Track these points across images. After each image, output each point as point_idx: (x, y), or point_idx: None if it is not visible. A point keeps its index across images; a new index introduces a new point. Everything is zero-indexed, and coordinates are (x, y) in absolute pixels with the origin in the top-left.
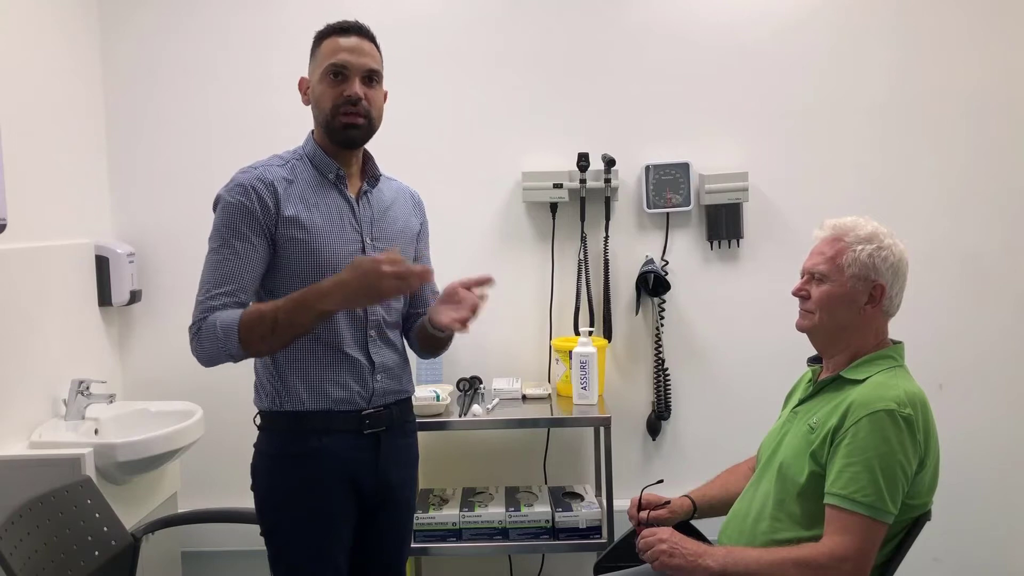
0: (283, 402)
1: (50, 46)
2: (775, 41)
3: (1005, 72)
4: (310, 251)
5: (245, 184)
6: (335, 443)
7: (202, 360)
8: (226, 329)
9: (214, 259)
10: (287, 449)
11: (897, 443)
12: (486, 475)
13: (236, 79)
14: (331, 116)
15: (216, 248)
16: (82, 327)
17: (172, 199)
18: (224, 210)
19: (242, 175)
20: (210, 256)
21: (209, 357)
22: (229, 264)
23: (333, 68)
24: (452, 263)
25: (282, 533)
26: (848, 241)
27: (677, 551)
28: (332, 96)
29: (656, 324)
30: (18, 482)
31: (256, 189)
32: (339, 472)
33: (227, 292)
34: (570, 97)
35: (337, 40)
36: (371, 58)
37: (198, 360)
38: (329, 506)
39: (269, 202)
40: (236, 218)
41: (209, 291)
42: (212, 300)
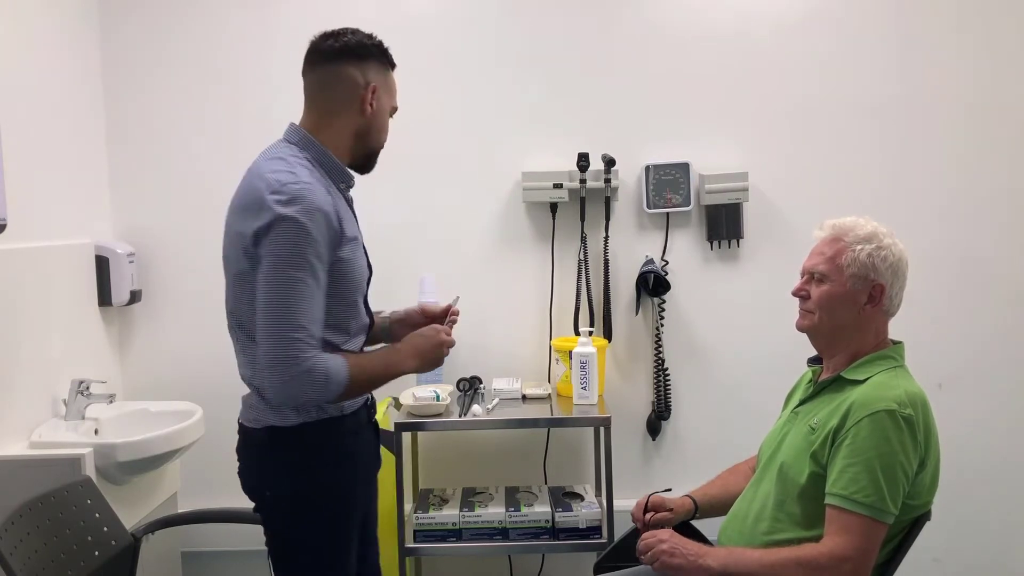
0: (320, 411)
1: (50, 46)
2: (775, 41)
3: (1005, 72)
4: (352, 269)
5: (323, 208)
6: (364, 439)
7: (278, 397)
8: (335, 382)
9: (299, 289)
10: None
11: (898, 443)
12: (486, 475)
13: (236, 79)
14: (380, 147)
15: (300, 277)
16: (82, 327)
17: (172, 199)
18: (306, 233)
19: (310, 194)
20: (292, 283)
21: (292, 398)
22: (314, 295)
23: (395, 109)
24: (452, 263)
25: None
26: (847, 241)
27: (678, 551)
28: (388, 132)
29: (656, 324)
30: (18, 482)
31: (328, 214)
32: (365, 468)
33: (316, 330)
34: (570, 97)
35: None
36: None
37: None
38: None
39: (335, 225)
40: (319, 244)
41: (302, 325)
42: (310, 339)
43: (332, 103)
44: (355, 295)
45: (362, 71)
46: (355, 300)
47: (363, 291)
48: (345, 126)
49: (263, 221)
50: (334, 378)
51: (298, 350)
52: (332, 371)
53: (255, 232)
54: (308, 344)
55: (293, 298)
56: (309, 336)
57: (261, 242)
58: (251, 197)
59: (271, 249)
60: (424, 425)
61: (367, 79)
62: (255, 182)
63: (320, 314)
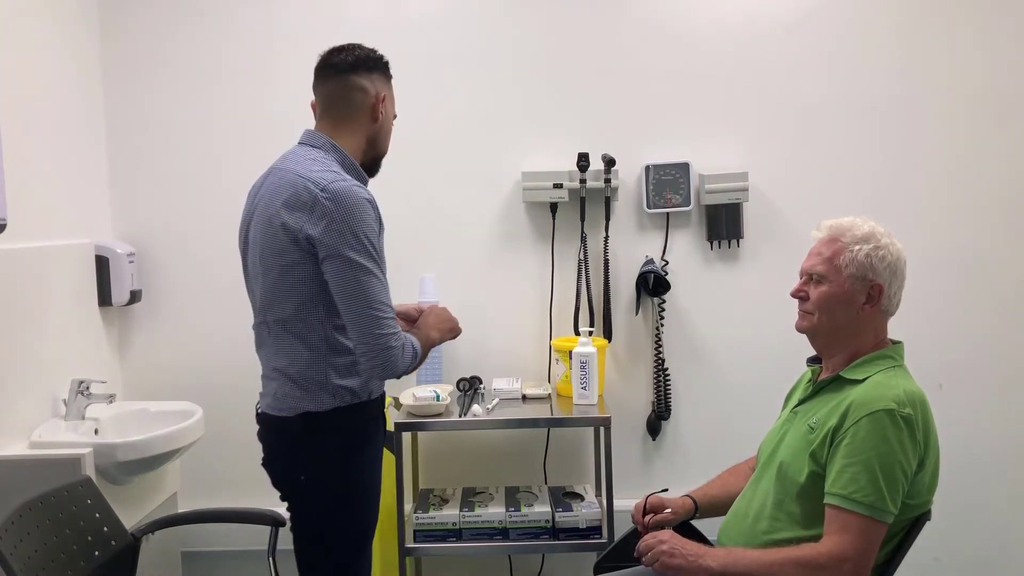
0: (352, 397)
1: (50, 46)
2: (775, 41)
3: (1004, 72)
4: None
5: (371, 200)
6: (379, 427)
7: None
8: (414, 352)
9: (378, 279)
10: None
11: (897, 443)
12: (486, 475)
13: (236, 79)
14: (384, 152)
15: (375, 268)
16: (82, 327)
17: (172, 199)
18: (372, 230)
19: (359, 189)
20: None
21: (391, 371)
22: (383, 278)
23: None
24: (452, 263)
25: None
26: (845, 241)
27: (677, 551)
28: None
29: (656, 324)
30: (18, 482)
31: (374, 204)
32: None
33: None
34: (570, 97)
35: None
36: None
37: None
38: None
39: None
40: (375, 232)
41: (385, 311)
42: (391, 319)
43: (347, 111)
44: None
45: (372, 82)
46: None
47: None
48: (358, 132)
49: (322, 216)
50: (413, 349)
51: (390, 328)
52: (411, 343)
53: (315, 226)
54: (392, 324)
55: (373, 283)
56: (390, 317)
57: (323, 240)
58: (301, 195)
59: (339, 246)
60: (424, 425)
61: (377, 89)
62: (300, 180)
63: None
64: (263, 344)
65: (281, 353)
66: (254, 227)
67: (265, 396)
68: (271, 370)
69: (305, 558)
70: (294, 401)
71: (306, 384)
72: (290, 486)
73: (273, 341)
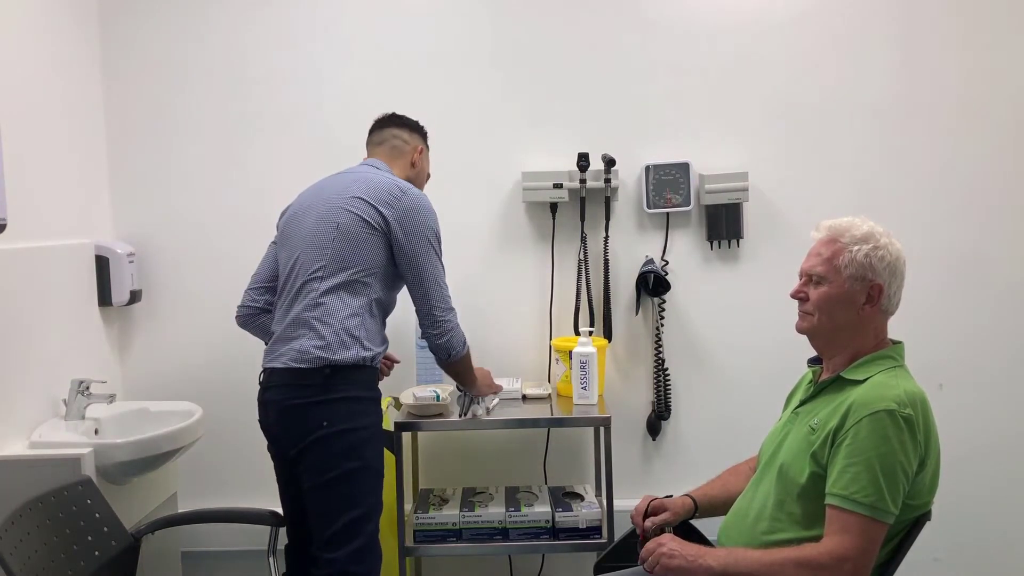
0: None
1: (50, 46)
2: (775, 41)
3: (1005, 72)
4: None
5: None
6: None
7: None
8: (465, 344)
9: (442, 266)
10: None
11: (898, 443)
12: (486, 475)
13: (237, 78)
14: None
15: (439, 255)
16: (82, 327)
17: (172, 199)
18: (436, 225)
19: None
20: (437, 261)
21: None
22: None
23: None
24: (452, 263)
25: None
26: (844, 242)
27: (677, 553)
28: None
29: (656, 324)
30: (18, 482)
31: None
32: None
33: None
34: (570, 97)
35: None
36: None
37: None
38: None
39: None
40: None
41: (448, 294)
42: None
43: (394, 152)
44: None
45: (411, 137)
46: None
47: None
48: (400, 171)
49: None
50: (465, 341)
51: (449, 306)
52: (462, 335)
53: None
54: (452, 306)
55: (439, 271)
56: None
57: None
58: (383, 192)
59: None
60: (424, 425)
61: (415, 143)
62: (381, 181)
63: None
64: (295, 302)
65: (323, 308)
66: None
67: (282, 354)
68: (300, 325)
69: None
70: (322, 351)
71: (340, 336)
72: (308, 435)
73: (315, 298)
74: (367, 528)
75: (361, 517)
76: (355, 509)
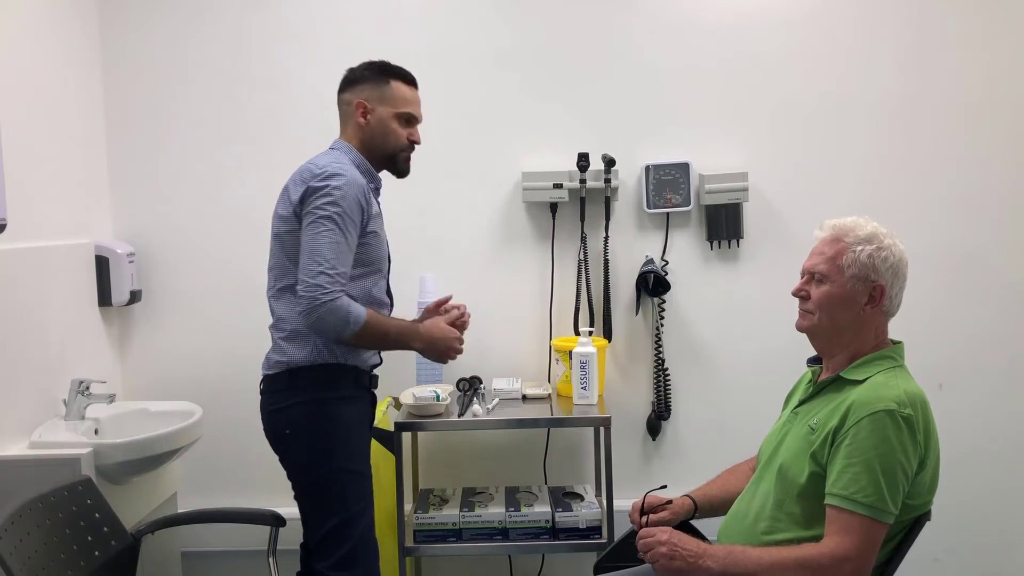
0: (347, 358)
1: (50, 46)
2: (775, 41)
3: (1006, 72)
4: (379, 244)
5: (355, 182)
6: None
7: (317, 325)
8: (354, 320)
9: (332, 238)
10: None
11: (897, 443)
12: (486, 475)
13: (236, 78)
14: (398, 151)
15: (331, 229)
16: (82, 327)
17: (172, 199)
18: (343, 199)
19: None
20: (325, 233)
21: (322, 330)
22: (344, 248)
23: (408, 116)
24: (452, 263)
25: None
26: (848, 242)
27: (677, 553)
28: (403, 136)
29: (656, 324)
30: (18, 482)
31: (361, 187)
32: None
33: (343, 274)
34: (570, 97)
35: (409, 90)
36: None
37: (313, 323)
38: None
39: (364, 196)
40: (352, 209)
41: (334, 267)
42: (339, 278)
43: (344, 122)
44: (378, 268)
45: (353, 94)
46: (378, 273)
47: (384, 268)
48: (356, 137)
49: (306, 187)
50: (353, 316)
51: (326, 283)
52: (353, 310)
53: (300, 196)
54: (335, 282)
55: (325, 245)
56: (336, 276)
57: (307, 203)
58: (302, 174)
59: (315, 206)
60: (424, 425)
61: (355, 97)
62: (306, 165)
63: (348, 265)
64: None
65: (277, 314)
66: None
67: (265, 361)
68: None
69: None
70: (279, 354)
71: (292, 338)
72: (280, 440)
73: (276, 306)
74: (353, 533)
75: (343, 523)
76: (335, 516)
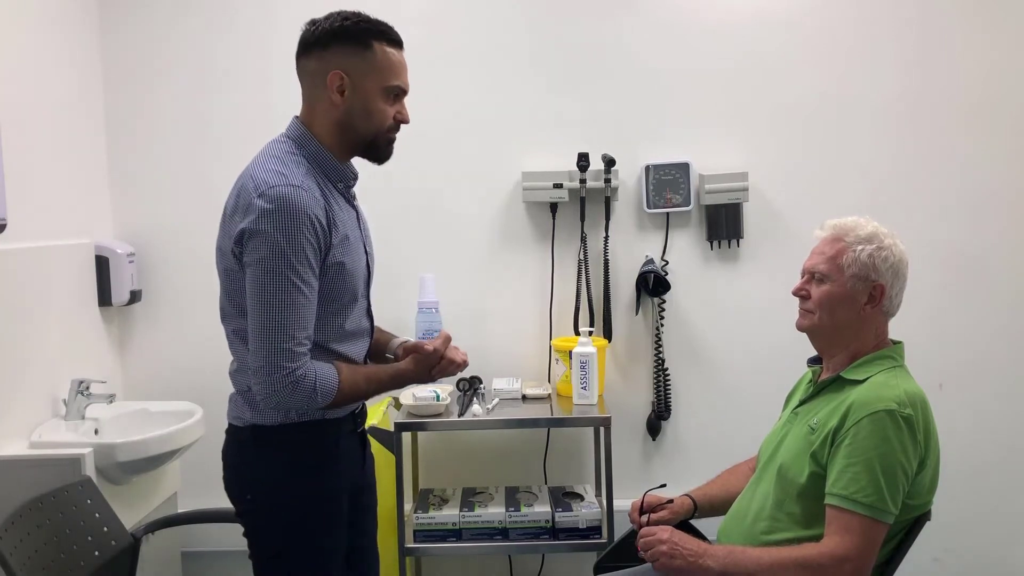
0: (301, 414)
1: (50, 46)
2: (775, 41)
3: (1007, 72)
4: (345, 274)
5: (308, 212)
6: (345, 446)
7: (280, 406)
8: (324, 390)
9: (291, 296)
10: (303, 461)
11: (898, 443)
12: (486, 475)
13: (236, 78)
14: (383, 133)
15: (292, 282)
16: (82, 327)
17: (172, 199)
18: (294, 237)
19: (296, 197)
20: (282, 289)
21: (280, 405)
22: (306, 302)
23: (398, 89)
24: (452, 263)
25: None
26: (848, 241)
27: (677, 552)
28: (390, 115)
29: (656, 324)
30: (18, 482)
31: (318, 217)
32: (347, 474)
33: (309, 336)
34: (570, 97)
35: (396, 55)
36: None
37: (268, 402)
38: (342, 509)
39: (323, 227)
40: (307, 249)
41: (294, 335)
42: (300, 347)
43: (309, 96)
44: (350, 298)
45: (323, 61)
46: (350, 303)
47: (358, 293)
48: (325, 118)
49: (248, 224)
50: (322, 390)
51: (286, 359)
52: (321, 384)
53: (240, 232)
54: (296, 352)
55: (281, 305)
56: (298, 344)
57: (247, 246)
58: (242, 197)
59: (257, 255)
60: (424, 425)
61: (331, 67)
62: (247, 182)
63: (310, 320)
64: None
65: (234, 361)
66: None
67: (229, 403)
68: (229, 374)
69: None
70: (241, 410)
71: (250, 395)
72: (240, 503)
73: (229, 343)
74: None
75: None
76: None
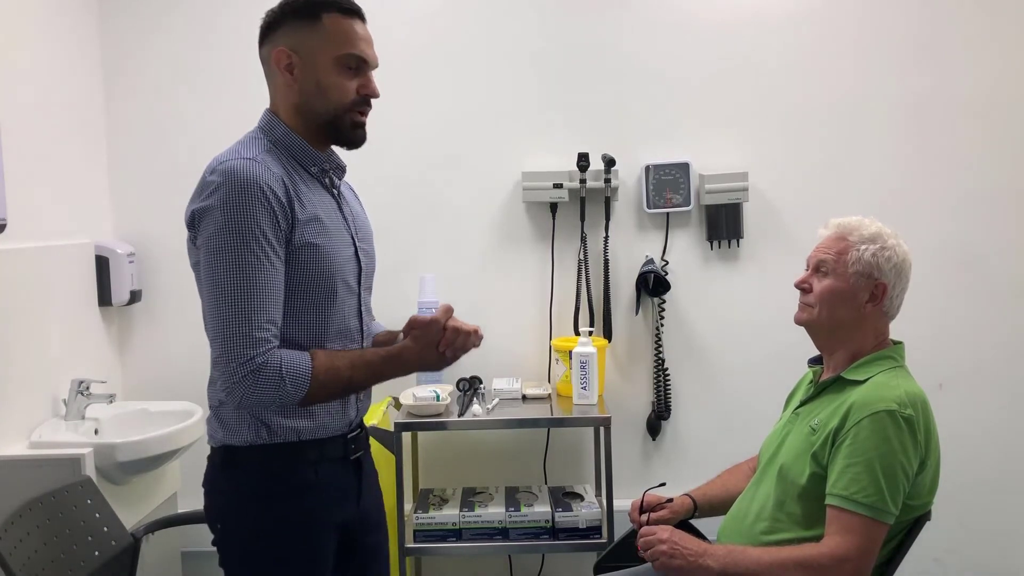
0: (272, 435)
1: (50, 46)
2: (775, 41)
3: (1009, 72)
4: (320, 258)
5: (259, 181)
6: (327, 473)
7: (245, 403)
8: (295, 380)
9: (246, 274)
10: (274, 487)
11: (898, 443)
12: (486, 475)
13: (236, 78)
14: (344, 111)
15: (246, 260)
16: (82, 327)
17: (172, 199)
18: (245, 210)
19: (245, 167)
20: (236, 266)
21: (258, 402)
22: (266, 281)
23: (353, 59)
24: (452, 263)
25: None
26: (852, 240)
27: (677, 552)
28: (350, 89)
29: (656, 324)
30: (18, 482)
31: (272, 189)
32: (331, 505)
33: (272, 320)
34: (570, 97)
35: (350, 24)
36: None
37: (239, 402)
38: (321, 544)
39: (285, 201)
40: (263, 222)
41: (253, 320)
42: (261, 332)
43: (271, 84)
44: (330, 291)
45: (272, 44)
46: (331, 297)
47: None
48: (284, 102)
49: (198, 203)
50: (292, 374)
51: (245, 345)
52: (289, 366)
53: (191, 214)
54: (256, 338)
55: (236, 284)
56: (256, 328)
57: (199, 227)
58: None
59: (207, 233)
60: (424, 425)
61: (273, 49)
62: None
63: (273, 303)
64: None
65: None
66: None
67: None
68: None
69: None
70: (212, 429)
71: (224, 410)
72: (212, 532)
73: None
74: None
75: None
76: None
